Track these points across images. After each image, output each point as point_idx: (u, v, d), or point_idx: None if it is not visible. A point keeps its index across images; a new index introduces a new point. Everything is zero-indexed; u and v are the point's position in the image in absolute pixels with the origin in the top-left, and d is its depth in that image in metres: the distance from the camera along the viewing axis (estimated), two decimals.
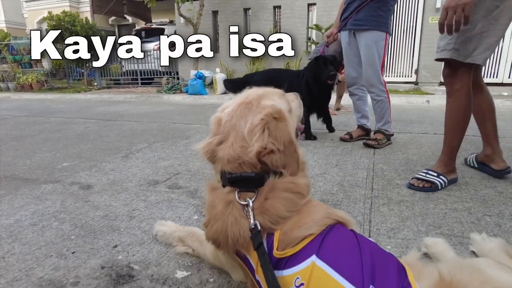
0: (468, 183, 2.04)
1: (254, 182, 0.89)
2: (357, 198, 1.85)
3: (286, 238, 0.82)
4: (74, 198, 1.91)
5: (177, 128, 4.08)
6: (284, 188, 0.89)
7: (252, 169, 0.89)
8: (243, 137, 0.90)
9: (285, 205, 0.86)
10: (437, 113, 4.91)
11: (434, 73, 8.02)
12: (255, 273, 0.87)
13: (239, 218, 0.87)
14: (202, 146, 0.97)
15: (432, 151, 2.76)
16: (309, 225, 0.83)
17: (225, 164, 0.91)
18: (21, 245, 1.41)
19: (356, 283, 0.70)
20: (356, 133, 3.23)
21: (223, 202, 0.90)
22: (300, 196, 0.90)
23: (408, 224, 1.54)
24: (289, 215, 0.86)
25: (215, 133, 0.96)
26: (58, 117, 5.25)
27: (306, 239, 0.81)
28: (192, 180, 2.18)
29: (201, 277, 1.18)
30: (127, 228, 1.55)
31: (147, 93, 9.06)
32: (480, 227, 1.51)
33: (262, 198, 0.88)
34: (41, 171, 2.44)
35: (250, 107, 0.94)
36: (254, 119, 0.90)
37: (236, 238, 0.85)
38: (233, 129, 0.92)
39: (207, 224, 0.94)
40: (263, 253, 0.79)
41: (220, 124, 0.96)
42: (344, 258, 0.77)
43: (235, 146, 0.90)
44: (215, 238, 0.90)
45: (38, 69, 11.82)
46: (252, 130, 0.88)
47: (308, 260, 0.76)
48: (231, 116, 0.94)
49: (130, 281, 1.17)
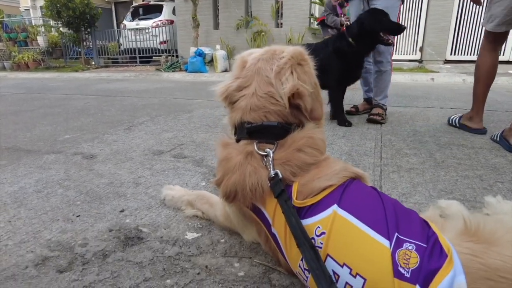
0: (478, 152, 2.00)
1: (275, 133, 0.87)
2: (366, 166, 1.82)
3: (305, 189, 0.79)
4: (77, 167, 1.88)
5: (178, 103, 4.01)
6: (303, 141, 0.86)
7: (276, 118, 0.86)
8: (269, 81, 0.87)
9: (305, 157, 0.84)
10: (442, 90, 4.84)
11: (439, 51, 7.87)
12: (271, 227, 0.84)
13: (258, 168, 0.84)
14: (220, 89, 0.93)
15: (440, 124, 2.72)
16: (329, 176, 0.80)
17: (247, 113, 0.88)
18: (26, 210, 1.38)
19: (381, 231, 0.67)
20: (362, 107, 3.18)
21: (241, 154, 0.87)
22: (318, 150, 0.88)
23: (419, 190, 1.52)
24: (308, 168, 0.83)
25: (237, 75, 0.92)
26: (56, 94, 5.17)
27: (326, 189, 0.78)
28: (197, 150, 2.14)
29: (212, 238, 1.16)
30: (133, 194, 1.52)
31: (146, 72, 8.91)
32: (493, 192, 1.48)
33: (281, 150, 0.85)
34: (43, 142, 2.40)
35: (277, 53, 0.91)
36: (280, 61, 0.87)
37: (254, 187, 0.82)
38: (258, 74, 0.89)
39: (221, 180, 0.91)
40: (286, 200, 0.76)
41: (244, 66, 0.92)
42: (367, 209, 0.74)
43: (259, 92, 0.87)
44: (232, 190, 0.86)
45: (34, 48, 11.59)
46: (279, 71, 0.86)
47: (329, 210, 0.73)
48: (257, 59, 0.91)
49: (139, 242, 1.15)
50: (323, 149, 0.91)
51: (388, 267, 0.63)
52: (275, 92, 0.86)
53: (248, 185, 0.83)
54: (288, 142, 0.86)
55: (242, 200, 0.86)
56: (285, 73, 0.85)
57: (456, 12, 7.79)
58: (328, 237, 0.71)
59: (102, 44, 11.21)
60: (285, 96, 0.84)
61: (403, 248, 0.64)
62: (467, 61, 7.81)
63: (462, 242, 0.66)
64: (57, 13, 9.75)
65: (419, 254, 0.63)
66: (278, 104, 0.86)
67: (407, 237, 0.67)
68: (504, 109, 3.31)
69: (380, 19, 2.58)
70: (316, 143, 0.88)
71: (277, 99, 0.86)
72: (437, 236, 0.68)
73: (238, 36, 9.18)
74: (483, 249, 0.63)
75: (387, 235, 0.67)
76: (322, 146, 0.90)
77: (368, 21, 2.57)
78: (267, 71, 0.88)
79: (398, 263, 0.63)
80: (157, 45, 10.48)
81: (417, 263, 0.62)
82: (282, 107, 0.86)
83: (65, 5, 9.59)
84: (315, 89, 0.89)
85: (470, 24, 7.83)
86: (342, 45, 2.67)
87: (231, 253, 1.07)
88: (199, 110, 3.55)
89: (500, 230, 0.68)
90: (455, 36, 7.92)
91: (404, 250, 0.64)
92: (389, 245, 0.65)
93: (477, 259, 0.61)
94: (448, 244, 0.65)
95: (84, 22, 10.23)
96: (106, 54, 11.36)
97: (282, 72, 0.86)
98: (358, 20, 2.64)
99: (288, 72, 0.85)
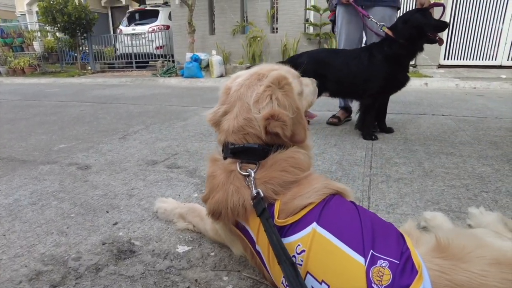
0: (466, 161, 2.05)
1: (256, 154, 0.90)
2: (356, 176, 1.86)
3: (287, 207, 0.83)
4: (72, 178, 1.90)
5: (173, 110, 4.04)
6: (284, 161, 0.89)
7: (256, 141, 0.90)
8: (249, 108, 0.90)
9: (286, 176, 0.87)
10: (435, 95, 4.90)
11: (432, 56, 7.96)
12: (255, 244, 0.87)
13: (240, 187, 0.87)
14: (209, 116, 0.97)
15: (431, 131, 2.77)
16: (309, 194, 0.84)
17: (229, 135, 0.92)
18: (21, 223, 1.41)
19: (357, 248, 0.71)
20: (342, 115, 3.18)
21: (224, 173, 0.91)
22: (300, 169, 0.91)
23: (406, 200, 1.55)
24: (290, 186, 0.87)
25: (222, 102, 0.97)
26: (52, 101, 5.18)
27: (306, 207, 0.82)
28: (191, 160, 2.17)
29: (202, 251, 1.19)
30: (127, 206, 1.55)
31: (142, 77, 8.93)
32: (477, 202, 1.52)
33: (263, 170, 0.88)
34: (38, 152, 2.42)
35: (261, 77, 0.93)
36: (260, 89, 0.89)
37: (235, 207, 0.86)
38: (239, 100, 0.92)
39: (207, 197, 0.94)
40: (267, 218, 0.79)
41: (229, 93, 0.96)
42: (345, 225, 0.77)
43: (239, 117, 0.90)
44: (215, 208, 0.90)
45: (29, 53, 11.59)
46: (258, 100, 0.89)
47: (309, 228, 0.77)
48: (240, 85, 0.94)
49: (132, 256, 1.18)
50: (306, 167, 0.93)
51: (363, 284, 0.67)
52: (253, 118, 0.90)
53: (230, 205, 0.87)
54: (269, 162, 0.89)
55: (226, 218, 0.90)
56: (262, 102, 0.88)
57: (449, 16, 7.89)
58: (307, 255, 0.74)
59: (98, 49, 11.23)
60: (261, 124, 0.87)
61: (377, 265, 0.68)
62: (460, 65, 7.92)
63: (433, 258, 0.70)
64: (53, 19, 9.77)
65: (392, 271, 0.67)
66: (257, 129, 0.90)
67: (381, 254, 0.70)
68: (494, 115, 3.37)
69: (427, 18, 2.49)
70: (297, 162, 0.91)
71: (255, 125, 0.89)
72: (410, 252, 0.71)
73: (234, 41, 9.23)
74: (451, 266, 0.67)
75: (363, 252, 0.70)
76: (304, 165, 0.93)
77: (417, 21, 2.46)
78: (247, 97, 0.91)
79: (372, 280, 0.67)
80: (153, 50, 10.52)
81: (390, 280, 0.66)
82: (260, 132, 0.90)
83: (60, 10, 9.61)
84: (297, 114, 0.91)
85: (463, 29, 7.94)
86: (394, 50, 2.53)
87: (221, 267, 1.10)
88: (194, 117, 3.58)
89: (470, 245, 0.72)
90: (448, 41, 8.02)
91: (378, 267, 0.68)
92: (364, 262, 0.69)
93: (444, 275, 0.65)
94: (419, 260, 0.69)
95: (80, 27, 10.26)
96: (102, 59, 11.38)
97: (259, 100, 0.89)
98: (405, 22, 2.51)
99: (267, 100, 0.88)
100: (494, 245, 0.72)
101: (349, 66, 2.67)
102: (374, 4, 2.83)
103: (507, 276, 0.63)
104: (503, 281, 0.62)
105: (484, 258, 0.66)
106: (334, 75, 2.72)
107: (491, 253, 0.67)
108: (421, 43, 2.56)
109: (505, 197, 1.58)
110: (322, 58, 2.84)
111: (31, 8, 17.32)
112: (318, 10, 8.09)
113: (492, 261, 0.65)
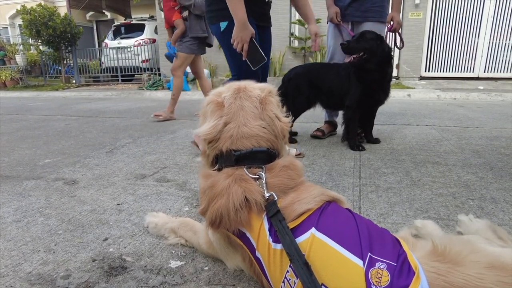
0: (452, 170, 2.11)
1: (262, 158, 0.95)
2: (346, 186, 1.88)
3: (286, 212, 0.85)
4: (59, 194, 1.85)
5: (161, 124, 4.02)
6: (287, 167, 0.95)
7: (267, 144, 0.97)
8: (257, 115, 0.98)
9: (288, 181, 0.91)
10: (418, 106, 5.04)
11: (414, 68, 8.22)
12: (256, 251, 0.87)
13: (248, 188, 0.90)
14: (207, 131, 0.99)
15: (416, 141, 2.84)
16: (308, 200, 0.86)
17: (234, 142, 0.96)
18: (5, 242, 1.36)
19: (355, 252, 0.73)
20: (327, 129, 3.21)
21: (230, 178, 0.92)
22: (298, 174, 0.96)
23: (396, 210, 1.58)
24: (289, 191, 0.90)
25: (220, 115, 1.00)
26: (35, 115, 5.07)
27: (305, 213, 0.84)
28: (180, 173, 2.15)
29: (196, 266, 1.17)
30: (116, 221, 1.52)
31: (128, 90, 8.87)
32: (465, 210, 1.56)
33: (270, 174, 0.93)
34: (22, 168, 2.35)
35: (250, 90, 1.03)
36: (262, 97, 1.02)
37: (239, 208, 0.88)
38: (241, 109, 0.99)
39: (206, 208, 0.94)
40: (280, 220, 0.81)
41: (224, 106, 1.00)
42: (342, 230, 0.80)
43: (248, 124, 0.97)
44: (216, 216, 0.90)
45: (12, 66, 11.37)
46: (265, 107, 1.00)
47: (308, 233, 0.79)
48: (234, 98, 1.01)
49: (123, 272, 1.15)
50: (302, 173, 1.00)
51: (362, 286, 0.68)
52: (265, 123, 0.99)
53: (232, 207, 0.88)
54: (274, 167, 0.95)
55: (228, 224, 0.90)
56: (271, 108, 1.00)
57: (428, 31, 8.21)
58: (307, 258, 0.75)
59: (83, 63, 11.12)
60: (284, 128, 1.00)
61: (376, 267, 0.70)
62: (441, 77, 8.19)
63: (429, 261, 0.72)
64: (37, 32, 9.66)
65: (390, 273, 0.69)
66: (269, 133, 0.98)
67: (379, 256, 0.72)
68: (475, 125, 3.48)
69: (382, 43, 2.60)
70: (297, 168, 0.98)
71: (267, 129, 0.99)
72: (406, 254, 0.74)
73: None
74: (448, 268, 0.69)
75: (361, 255, 0.72)
76: (301, 171, 0.99)
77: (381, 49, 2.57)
78: (250, 107, 0.99)
79: (371, 281, 0.68)
80: (139, 64, 10.50)
81: (388, 281, 0.68)
82: (272, 135, 0.98)
83: (44, 24, 9.51)
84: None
85: (442, 42, 8.26)
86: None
87: (215, 281, 1.09)
88: (182, 130, 3.57)
89: (465, 251, 0.74)
90: (428, 54, 8.31)
91: (376, 269, 0.70)
92: (363, 265, 0.71)
93: (441, 277, 0.67)
94: (415, 262, 0.71)
95: (65, 40, 10.17)
96: (87, 73, 11.26)
97: (267, 107, 1.00)
98: (371, 52, 2.57)
99: (275, 106, 1.01)
100: (487, 251, 0.74)
101: (340, 76, 2.79)
102: (364, 20, 2.92)
103: (503, 279, 0.65)
104: (499, 284, 0.64)
105: (479, 263, 0.68)
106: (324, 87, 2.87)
107: (485, 258, 0.70)
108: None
109: (490, 204, 1.62)
110: (315, 69, 3.01)
111: (13, 22, 17.08)
112: (303, 24, 8.27)
113: (487, 265, 0.68)
